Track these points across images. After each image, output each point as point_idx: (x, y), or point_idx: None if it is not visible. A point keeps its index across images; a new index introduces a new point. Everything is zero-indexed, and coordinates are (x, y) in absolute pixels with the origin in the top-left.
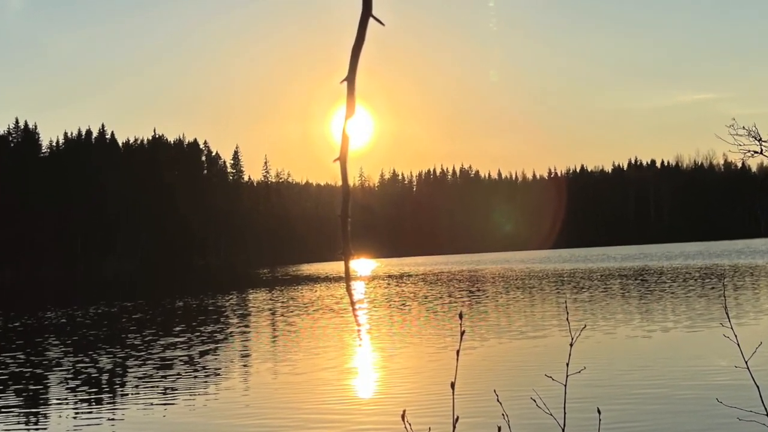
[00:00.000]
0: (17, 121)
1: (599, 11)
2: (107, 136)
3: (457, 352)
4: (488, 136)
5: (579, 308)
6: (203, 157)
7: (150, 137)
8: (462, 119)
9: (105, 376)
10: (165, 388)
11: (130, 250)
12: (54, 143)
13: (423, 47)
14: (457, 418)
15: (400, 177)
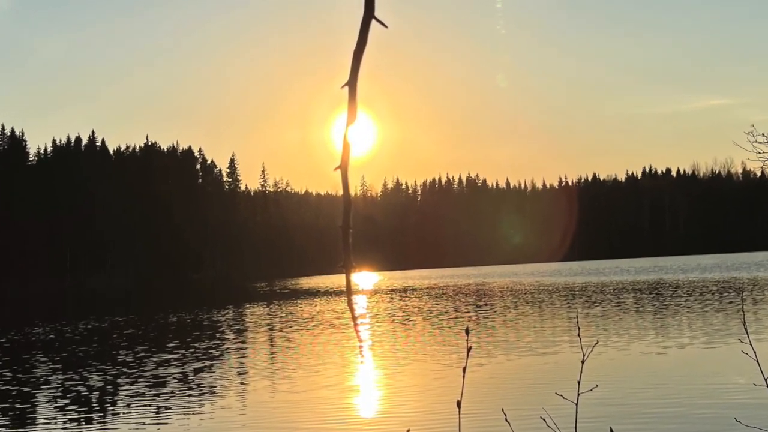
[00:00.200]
0: (3, 127)
1: (612, 13)
2: (97, 144)
3: (464, 369)
4: (496, 144)
5: (591, 323)
6: (198, 166)
7: (142, 144)
8: (468, 126)
9: (95, 395)
10: (158, 407)
11: (121, 262)
12: (42, 151)
13: (427, 50)
14: None
15: (403, 186)
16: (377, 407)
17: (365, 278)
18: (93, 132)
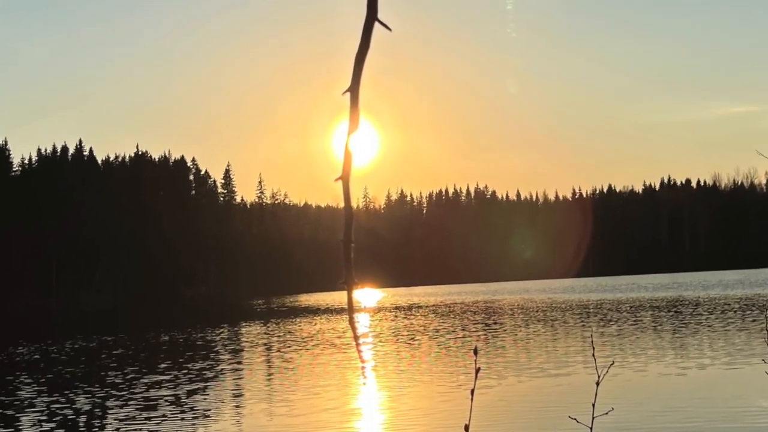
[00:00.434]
0: None
1: (628, 16)
2: (85, 153)
3: (472, 391)
4: (506, 153)
5: (606, 343)
6: (191, 176)
7: (132, 154)
8: (477, 134)
9: (83, 418)
10: None
11: (110, 278)
12: (26, 161)
13: (434, 54)
14: None
15: (408, 198)
16: (381, 431)
17: (368, 295)
18: (80, 141)
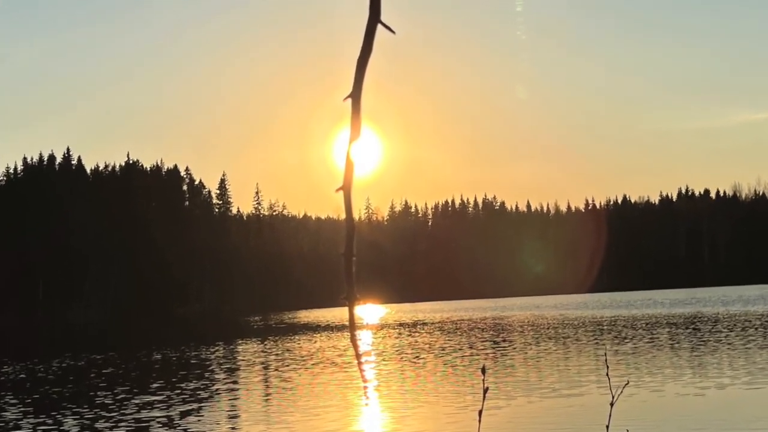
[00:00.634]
0: None
1: (644, 18)
2: (73, 162)
3: (480, 412)
4: (515, 162)
5: (621, 362)
6: (184, 187)
7: (122, 163)
8: (485, 142)
9: None
10: None
11: (98, 293)
12: (11, 170)
13: (439, 58)
14: None
15: (413, 209)
16: None
17: (370, 311)
18: (68, 149)
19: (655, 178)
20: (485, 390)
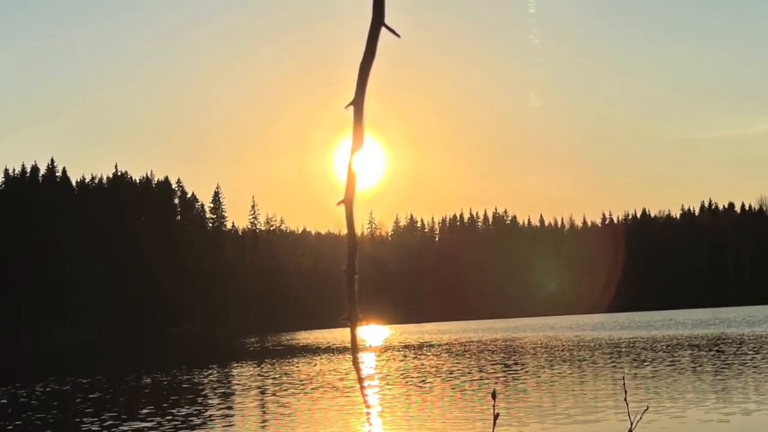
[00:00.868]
0: None
1: (664, 20)
2: (57, 174)
3: None
4: (528, 174)
5: (640, 386)
6: (176, 200)
7: (110, 175)
8: (495, 153)
9: None
10: None
11: (85, 312)
12: None
13: (446, 63)
14: None
15: (418, 224)
16: None
17: (373, 332)
18: (52, 160)
19: (676, 190)
20: (496, 416)
